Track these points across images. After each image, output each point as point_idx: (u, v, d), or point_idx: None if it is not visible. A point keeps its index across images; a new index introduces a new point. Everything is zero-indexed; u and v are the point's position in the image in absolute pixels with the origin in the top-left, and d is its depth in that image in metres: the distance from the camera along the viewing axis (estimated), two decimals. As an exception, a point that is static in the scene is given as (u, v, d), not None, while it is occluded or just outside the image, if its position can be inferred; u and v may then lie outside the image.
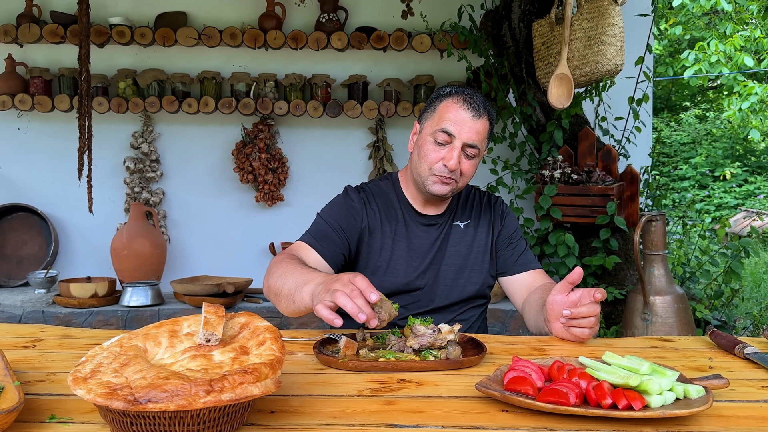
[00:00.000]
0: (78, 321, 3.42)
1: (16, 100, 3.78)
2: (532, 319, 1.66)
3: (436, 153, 1.69)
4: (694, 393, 1.00)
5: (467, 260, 1.80)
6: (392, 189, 1.85)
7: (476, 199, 1.89)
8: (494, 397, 1.01)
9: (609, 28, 2.90)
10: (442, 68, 4.00)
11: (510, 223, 1.88)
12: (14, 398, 0.91)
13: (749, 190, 11.70)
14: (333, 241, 1.71)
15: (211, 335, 0.99)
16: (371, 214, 1.78)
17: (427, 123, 1.74)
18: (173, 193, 4.08)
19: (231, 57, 4.01)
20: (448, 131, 1.67)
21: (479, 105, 1.69)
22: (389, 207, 1.81)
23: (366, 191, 1.83)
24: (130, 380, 0.87)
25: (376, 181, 1.88)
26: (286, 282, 1.49)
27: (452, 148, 1.67)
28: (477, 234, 1.83)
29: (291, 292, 1.46)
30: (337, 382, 1.15)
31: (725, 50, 8.88)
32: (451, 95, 1.72)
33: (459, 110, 1.68)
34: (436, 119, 1.71)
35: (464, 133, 1.66)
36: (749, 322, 4.16)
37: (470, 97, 1.70)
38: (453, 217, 1.84)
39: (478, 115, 1.68)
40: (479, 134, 1.68)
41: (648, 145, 4.03)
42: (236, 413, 0.90)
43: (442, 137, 1.67)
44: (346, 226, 1.74)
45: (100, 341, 1.43)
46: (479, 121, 1.68)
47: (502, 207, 1.90)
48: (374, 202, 1.80)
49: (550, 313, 1.48)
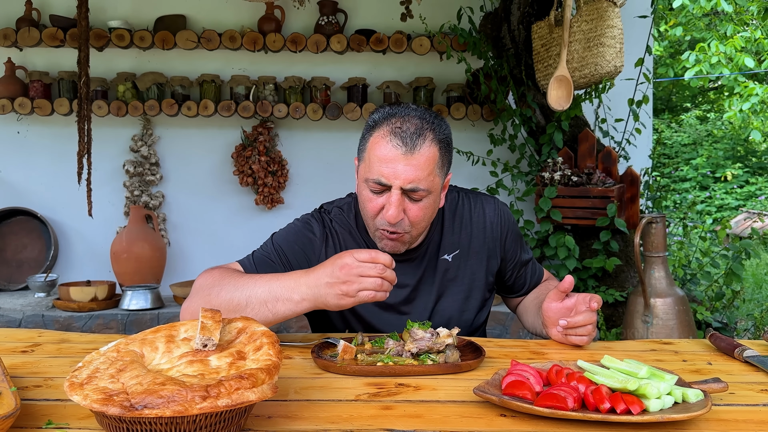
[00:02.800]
0: (78, 324, 3.42)
1: (15, 104, 3.78)
2: (530, 319, 1.63)
3: (373, 203, 1.39)
4: (693, 397, 0.99)
5: (458, 300, 1.55)
6: (354, 219, 1.56)
7: (466, 215, 1.58)
8: (492, 402, 1.01)
9: (608, 29, 2.90)
10: (442, 70, 4.00)
11: (511, 245, 1.61)
12: (11, 404, 0.90)
13: (750, 191, 11.69)
14: (274, 270, 1.45)
15: (208, 340, 0.98)
16: (331, 252, 1.51)
17: (361, 165, 1.44)
18: (173, 196, 4.08)
19: (230, 60, 4.01)
20: (380, 180, 1.35)
21: (414, 134, 1.34)
22: (352, 243, 1.54)
23: (330, 223, 1.56)
24: (127, 386, 0.87)
25: (338, 210, 1.58)
26: (254, 290, 1.29)
27: (389, 196, 1.36)
28: (468, 265, 1.56)
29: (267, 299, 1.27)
30: (334, 386, 1.14)
31: (726, 51, 8.88)
32: (379, 125, 1.38)
33: (387, 146, 1.34)
34: (367, 161, 1.40)
35: (400, 176, 1.34)
36: (750, 323, 4.15)
37: (402, 124, 1.36)
38: (437, 249, 1.54)
39: (412, 149, 1.33)
40: (420, 172, 1.34)
41: (648, 147, 4.03)
42: (233, 419, 0.89)
43: (376, 186, 1.37)
44: (296, 260, 1.49)
45: (98, 346, 1.42)
46: (417, 155, 1.34)
47: (499, 225, 1.58)
48: (337, 239, 1.54)
49: (546, 319, 1.46)
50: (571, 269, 3.29)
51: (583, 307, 1.40)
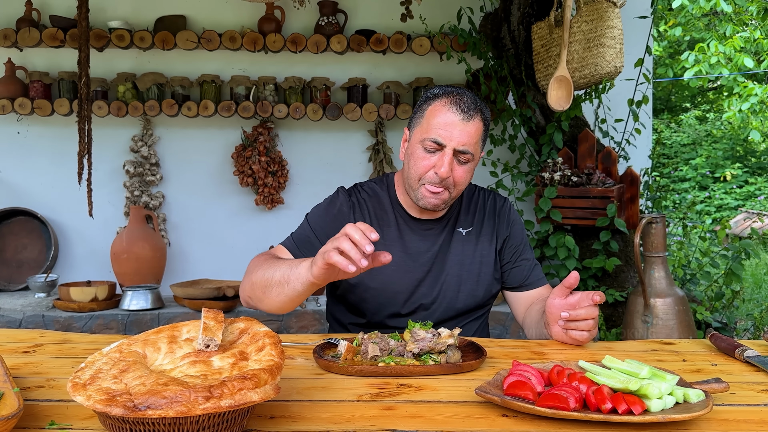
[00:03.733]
0: (78, 325, 3.42)
1: (15, 104, 3.78)
2: (533, 328, 1.64)
3: (426, 161, 1.57)
4: (694, 397, 1.00)
5: (470, 271, 1.69)
6: (386, 192, 1.75)
7: (480, 202, 1.77)
8: (494, 402, 1.01)
9: (608, 30, 2.91)
10: (442, 71, 4.00)
11: (517, 233, 1.76)
12: (14, 404, 0.91)
13: (750, 191, 11.70)
14: (315, 247, 1.60)
15: (211, 341, 0.99)
16: (360, 218, 1.69)
17: (416, 129, 1.62)
18: (173, 197, 4.08)
19: (230, 60, 4.01)
20: (437, 140, 1.55)
21: (470, 106, 1.56)
22: (381, 211, 1.71)
23: (359, 193, 1.74)
24: (130, 386, 0.87)
25: (371, 183, 1.78)
26: (277, 270, 1.44)
27: (443, 155, 1.55)
28: (479, 243, 1.71)
29: (284, 276, 1.41)
30: (336, 387, 1.15)
31: (725, 51, 8.88)
32: (439, 97, 1.60)
33: (448, 113, 1.55)
34: (424, 125, 1.59)
35: (455, 139, 1.54)
36: (750, 323, 4.15)
37: (460, 98, 1.57)
38: (454, 222, 1.72)
39: (468, 118, 1.55)
40: (471, 138, 1.56)
41: (648, 147, 4.03)
42: (235, 419, 0.90)
43: (431, 145, 1.56)
44: (331, 232, 1.57)
45: (100, 346, 1.43)
46: (470, 124, 1.55)
47: (508, 213, 1.77)
48: (365, 206, 1.71)
49: (549, 316, 1.48)
50: (571, 269, 3.28)
51: (586, 303, 1.42)
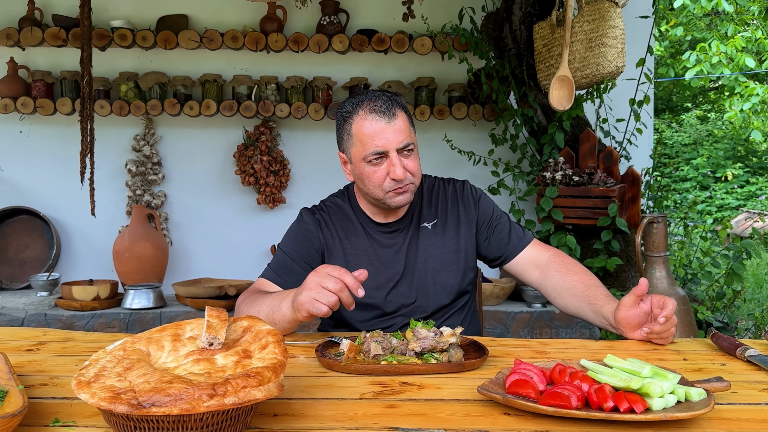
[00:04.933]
0: (80, 324, 3.42)
1: (18, 104, 3.79)
2: (570, 305, 1.66)
3: (378, 174, 1.61)
4: (696, 396, 1.00)
5: (442, 262, 1.72)
6: (348, 203, 1.78)
7: (441, 193, 1.80)
8: (496, 401, 1.02)
9: (610, 30, 2.91)
10: (443, 70, 4.00)
11: (485, 207, 1.80)
12: (18, 402, 0.91)
13: (751, 191, 11.69)
14: (294, 271, 1.66)
15: (214, 339, 0.99)
16: (328, 234, 1.73)
17: (352, 151, 1.65)
18: (175, 196, 4.08)
19: (232, 60, 4.02)
20: (377, 150, 1.58)
21: (387, 105, 1.60)
22: (348, 222, 1.75)
23: (322, 210, 1.78)
24: (134, 384, 0.87)
25: (333, 197, 1.82)
26: (261, 307, 1.47)
27: (389, 160, 1.59)
28: (446, 232, 1.75)
29: (269, 314, 1.44)
30: (339, 385, 1.15)
31: (726, 51, 8.88)
32: (355, 111, 1.62)
33: (372, 122, 1.58)
34: (357, 144, 1.62)
35: (392, 141, 1.58)
36: (751, 323, 4.16)
37: (374, 102, 1.60)
38: (418, 218, 1.76)
39: (391, 116, 1.59)
40: (403, 132, 1.60)
41: (649, 147, 4.03)
42: (239, 417, 0.90)
43: (375, 157, 1.59)
44: (305, 252, 1.70)
45: (103, 345, 1.43)
46: (397, 120, 1.59)
47: (471, 193, 1.80)
48: (330, 221, 1.75)
49: (626, 326, 1.49)
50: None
51: (658, 311, 1.44)
